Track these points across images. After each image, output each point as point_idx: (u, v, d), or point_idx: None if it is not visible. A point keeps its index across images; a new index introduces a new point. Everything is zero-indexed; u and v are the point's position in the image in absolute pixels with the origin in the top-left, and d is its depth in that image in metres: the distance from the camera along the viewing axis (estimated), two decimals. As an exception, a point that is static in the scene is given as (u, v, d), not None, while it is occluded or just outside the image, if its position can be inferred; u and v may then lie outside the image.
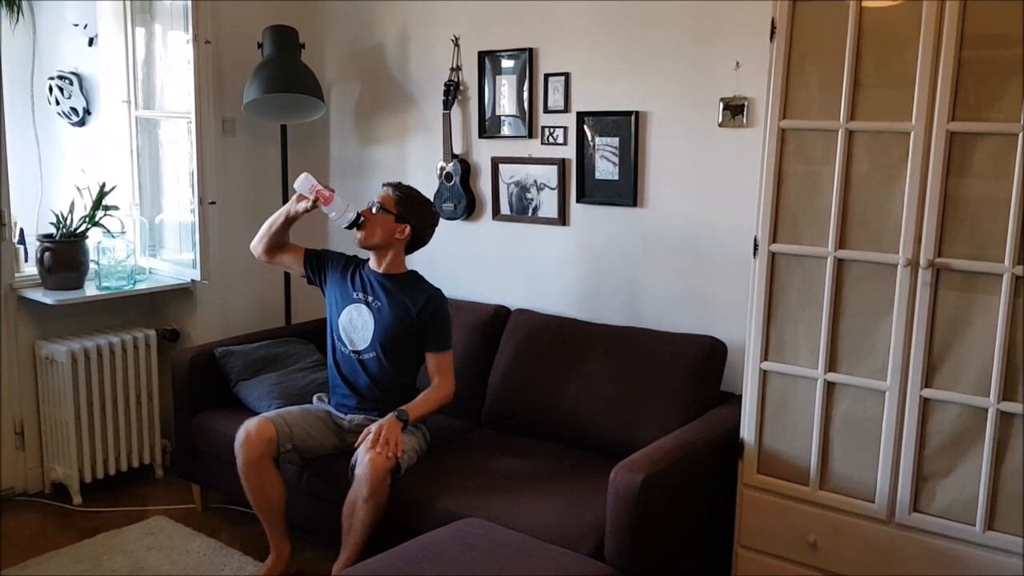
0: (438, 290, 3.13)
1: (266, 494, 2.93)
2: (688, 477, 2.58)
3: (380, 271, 3.12)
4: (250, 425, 2.91)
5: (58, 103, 4.10)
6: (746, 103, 2.98)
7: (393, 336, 3.05)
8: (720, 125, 3.04)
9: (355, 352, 3.08)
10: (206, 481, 3.50)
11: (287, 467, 2.97)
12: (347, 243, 3.32)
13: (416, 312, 3.05)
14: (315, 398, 3.21)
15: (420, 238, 3.14)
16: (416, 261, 3.21)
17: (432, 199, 3.73)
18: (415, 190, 3.14)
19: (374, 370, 3.07)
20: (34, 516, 3.51)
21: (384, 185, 3.14)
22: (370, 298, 3.10)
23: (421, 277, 3.17)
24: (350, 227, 3.02)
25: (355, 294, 3.12)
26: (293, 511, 3.01)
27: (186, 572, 3.05)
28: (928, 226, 2.28)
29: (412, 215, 3.08)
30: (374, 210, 3.05)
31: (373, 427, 2.84)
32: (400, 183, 3.14)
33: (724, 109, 3.02)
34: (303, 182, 3.03)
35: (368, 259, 3.18)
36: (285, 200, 3.96)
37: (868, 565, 2.46)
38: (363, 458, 2.76)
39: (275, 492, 2.94)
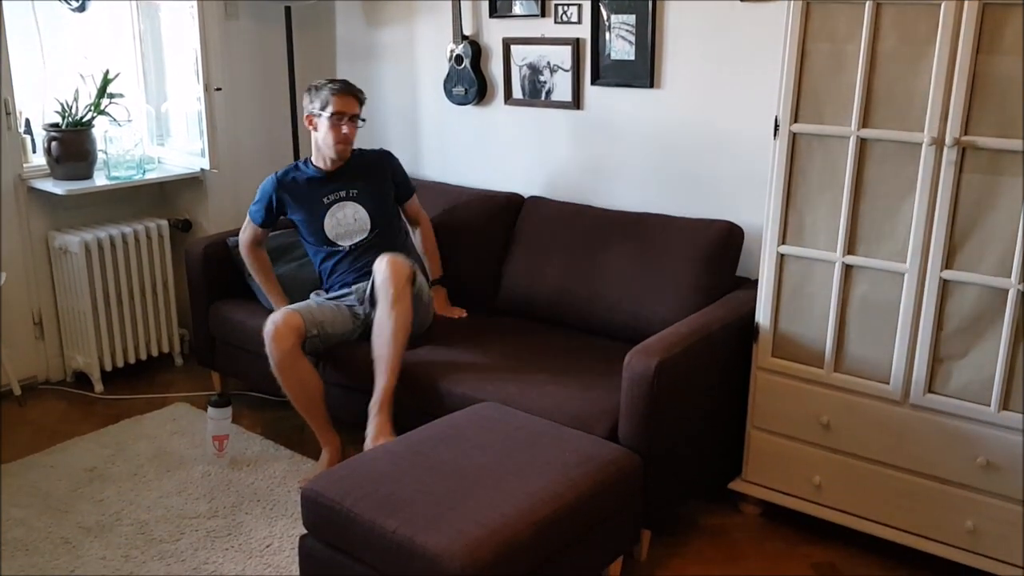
0: (382, 148, 3.35)
1: (304, 386, 2.90)
2: (703, 361, 2.59)
3: (338, 164, 3.15)
4: (276, 317, 2.89)
5: (56, -13, 3.96)
6: (769, -24, 2.86)
7: (384, 206, 3.19)
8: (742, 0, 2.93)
9: (354, 245, 3.12)
10: (225, 368, 3.54)
11: (308, 357, 2.98)
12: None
13: (389, 173, 3.26)
14: (312, 295, 3.18)
15: None
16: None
17: (443, 83, 3.68)
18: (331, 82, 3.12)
19: (377, 246, 3.09)
20: (58, 403, 3.58)
21: (335, 93, 3.04)
22: (344, 192, 3.14)
23: (362, 149, 3.25)
24: None
25: (328, 196, 3.14)
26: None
27: (208, 455, 3.12)
28: (955, 104, 2.20)
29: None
30: (359, 124, 3.13)
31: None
32: (323, 84, 3.10)
33: (745, -17, 2.90)
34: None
35: (298, 166, 3.21)
36: (293, 88, 3.87)
37: (881, 445, 2.49)
38: (381, 264, 2.83)
39: (312, 382, 2.91)
